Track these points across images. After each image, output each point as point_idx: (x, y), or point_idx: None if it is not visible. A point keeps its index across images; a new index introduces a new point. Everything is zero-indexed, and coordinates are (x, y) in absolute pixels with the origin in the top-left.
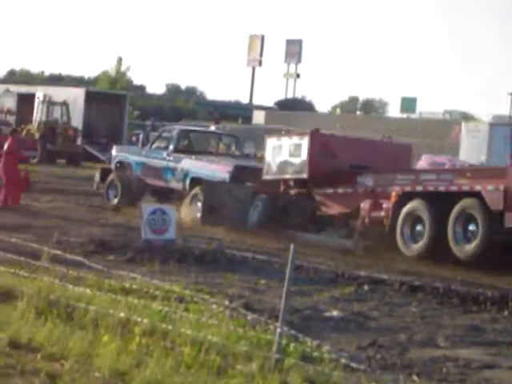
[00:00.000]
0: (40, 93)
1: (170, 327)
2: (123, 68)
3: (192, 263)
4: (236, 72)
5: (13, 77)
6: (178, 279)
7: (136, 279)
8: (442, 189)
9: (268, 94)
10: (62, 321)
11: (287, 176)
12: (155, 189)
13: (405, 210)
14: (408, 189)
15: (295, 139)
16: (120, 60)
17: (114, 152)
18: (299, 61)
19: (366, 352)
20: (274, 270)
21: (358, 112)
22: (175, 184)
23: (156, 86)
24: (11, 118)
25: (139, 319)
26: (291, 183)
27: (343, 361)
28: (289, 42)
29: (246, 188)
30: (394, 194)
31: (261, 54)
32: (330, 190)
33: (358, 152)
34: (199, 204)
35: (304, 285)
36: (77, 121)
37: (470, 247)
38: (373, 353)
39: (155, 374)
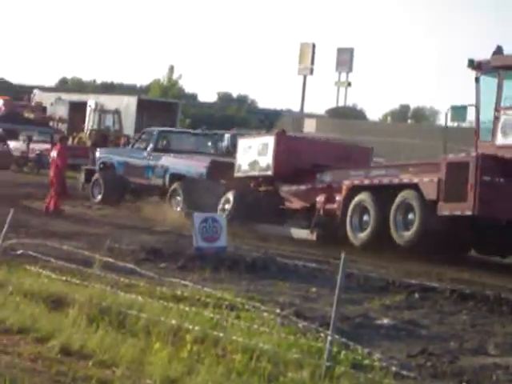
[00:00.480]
0: (92, 101)
1: (221, 335)
2: (175, 76)
3: (243, 271)
4: (287, 80)
5: (65, 85)
6: (229, 287)
7: (187, 287)
8: (385, 181)
9: (319, 102)
10: (113, 328)
11: (255, 173)
12: (137, 186)
13: (353, 202)
14: (356, 182)
15: (263, 140)
16: (172, 68)
17: (97, 154)
18: (350, 69)
19: (416, 360)
20: (325, 278)
21: (408, 120)
22: (156, 180)
23: (208, 95)
24: (63, 126)
25: (191, 326)
26: (259, 180)
27: (394, 368)
28: (340, 51)
29: (220, 184)
30: (344, 187)
31: (312, 63)
32: (293, 187)
33: (320, 152)
34: (178, 198)
35: (355, 293)
36: (129, 129)
37: (408, 234)
38: (423, 361)
39: (206, 381)
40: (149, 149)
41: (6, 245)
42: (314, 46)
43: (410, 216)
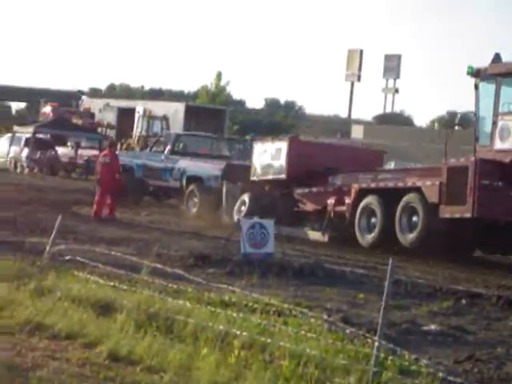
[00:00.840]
0: (140, 107)
1: (268, 340)
2: (223, 83)
3: (291, 277)
4: (335, 86)
5: (113, 91)
6: (276, 293)
7: (235, 292)
8: (390, 185)
9: (366, 109)
10: (161, 333)
11: (269, 177)
12: (155, 188)
13: (361, 204)
14: (364, 186)
15: (276, 144)
16: (219, 75)
17: None
18: (398, 76)
19: (463, 366)
20: (373, 284)
21: (456, 127)
22: (173, 183)
23: (255, 101)
24: (111, 132)
25: (238, 332)
26: (274, 183)
27: (440, 374)
28: (387, 57)
29: (237, 186)
30: (353, 190)
31: (359, 69)
32: (306, 190)
33: (332, 156)
34: (195, 199)
35: (402, 299)
36: None
37: (413, 236)
38: (470, 366)
39: None
40: (166, 152)
41: (54, 250)
42: (361, 52)
43: (414, 218)
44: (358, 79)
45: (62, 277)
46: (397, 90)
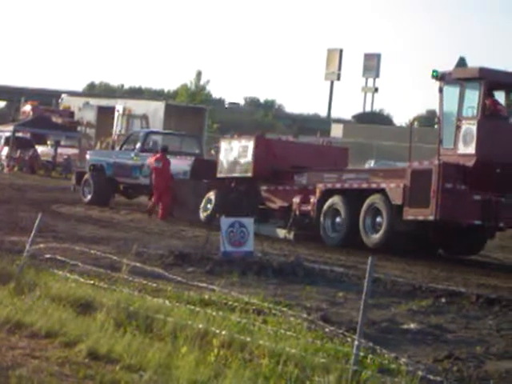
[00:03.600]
0: (120, 106)
1: (248, 339)
2: (202, 81)
3: (270, 275)
4: (314, 85)
5: (92, 90)
6: (256, 291)
7: (215, 291)
8: (355, 186)
9: (346, 108)
10: (140, 332)
11: (236, 174)
12: (126, 186)
13: (326, 204)
14: (329, 186)
15: (243, 142)
16: (199, 74)
17: (88, 156)
18: (377, 75)
19: (442, 364)
20: (352, 283)
21: (436, 126)
22: (143, 180)
23: (235, 99)
24: (91, 131)
25: (218, 331)
26: (240, 181)
27: (420, 373)
28: (367, 56)
29: (203, 184)
30: (318, 190)
31: (339, 68)
32: (272, 187)
33: (298, 154)
34: None
35: (382, 297)
36: None
37: (377, 237)
38: (449, 365)
39: None
40: (136, 150)
41: (34, 249)
42: (341, 51)
43: (378, 219)
44: (338, 78)
45: (42, 275)
46: (376, 89)
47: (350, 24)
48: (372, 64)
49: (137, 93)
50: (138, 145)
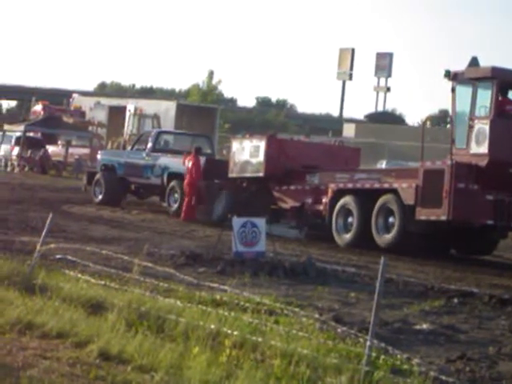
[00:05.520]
0: (131, 105)
1: (260, 339)
2: (214, 81)
3: (282, 276)
4: (326, 85)
5: (104, 90)
6: (268, 292)
7: (226, 291)
8: (367, 186)
9: (358, 107)
10: (152, 333)
11: (248, 174)
12: (137, 186)
13: (338, 204)
14: (341, 186)
15: (255, 142)
16: (211, 73)
17: (99, 156)
18: (389, 74)
19: (455, 365)
20: (364, 283)
21: (448, 125)
22: (154, 180)
23: (247, 99)
24: (102, 131)
25: (229, 331)
26: (251, 181)
27: (432, 373)
28: (379, 56)
29: (215, 184)
30: (330, 190)
31: (351, 68)
32: (284, 187)
33: (310, 154)
34: (176, 196)
35: (394, 298)
36: None
37: (389, 237)
38: (462, 366)
39: None
40: (147, 149)
41: (44, 249)
42: (353, 51)
43: (391, 219)
44: (350, 78)
45: (53, 276)
46: (388, 89)
47: (362, 23)
48: (384, 63)
49: (148, 92)
50: (150, 145)
